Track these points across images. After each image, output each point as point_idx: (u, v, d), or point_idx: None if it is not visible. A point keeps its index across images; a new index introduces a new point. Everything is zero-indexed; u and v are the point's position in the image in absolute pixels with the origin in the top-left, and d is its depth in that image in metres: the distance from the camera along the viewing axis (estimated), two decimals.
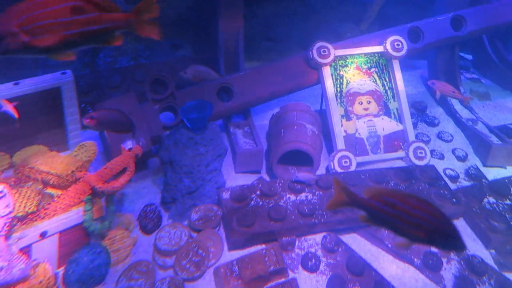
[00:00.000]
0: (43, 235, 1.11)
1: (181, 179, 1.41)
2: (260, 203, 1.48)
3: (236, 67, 2.22)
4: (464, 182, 1.85)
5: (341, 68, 2.01)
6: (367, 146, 1.87)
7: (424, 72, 2.78)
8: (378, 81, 2.03)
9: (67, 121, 1.44)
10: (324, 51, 1.94)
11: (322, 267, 1.32)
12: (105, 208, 1.27)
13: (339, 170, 1.72)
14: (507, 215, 1.56)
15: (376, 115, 1.96)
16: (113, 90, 2.11)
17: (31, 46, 0.92)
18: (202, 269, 1.25)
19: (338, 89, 1.96)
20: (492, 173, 1.92)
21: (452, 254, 1.43)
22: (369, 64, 2.05)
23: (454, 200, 1.58)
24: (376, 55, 2.06)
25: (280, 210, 1.41)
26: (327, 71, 1.95)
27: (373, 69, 2.05)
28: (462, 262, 1.39)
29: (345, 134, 1.86)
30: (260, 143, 1.76)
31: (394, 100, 2.01)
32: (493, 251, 1.47)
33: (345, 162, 1.74)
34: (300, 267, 1.32)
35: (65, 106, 1.43)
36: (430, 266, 1.35)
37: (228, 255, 1.35)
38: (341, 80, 1.99)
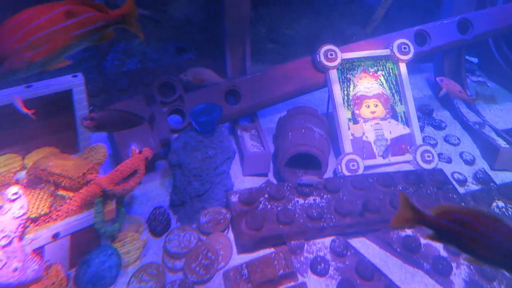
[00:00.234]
0: (56, 237, 1.12)
1: (190, 182, 1.42)
2: (269, 206, 1.48)
3: (243, 70, 2.23)
4: (472, 186, 1.85)
5: (348, 71, 2.01)
6: (375, 150, 1.87)
7: (430, 76, 2.78)
8: (385, 84, 2.03)
9: (78, 124, 1.45)
10: (331, 54, 1.94)
11: (332, 271, 1.32)
12: (116, 210, 1.27)
13: (347, 174, 1.72)
14: None
15: (383, 119, 1.96)
16: (121, 93, 2.13)
17: (34, 61, 0.89)
18: (212, 272, 1.25)
19: (345, 92, 1.96)
20: (500, 177, 1.91)
21: (462, 259, 1.42)
22: (376, 67, 2.05)
23: (463, 204, 1.58)
24: (383, 59, 2.06)
25: (289, 214, 1.41)
26: (334, 74, 1.95)
27: (380, 72, 2.05)
28: (472, 267, 1.39)
29: (352, 138, 1.86)
30: (268, 146, 1.77)
31: (401, 104, 2.01)
32: None
33: (353, 166, 1.74)
34: (309, 271, 1.32)
35: (76, 109, 1.44)
36: (440, 271, 1.35)
37: (237, 258, 1.35)
38: (348, 83, 1.99)
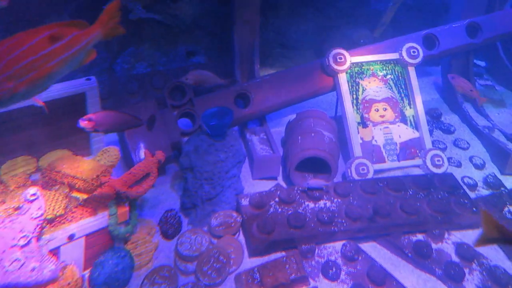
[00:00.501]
0: (71, 238, 1.13)
1: (202, 185, 1.43)
2: (279, 210, 1.48)
3: (252, 74, 2.25)
4: (483, 191, 1.83)
5: (357, 75, 2.01)
6: (384, 154, 1.86)
7: (438, 79, 2.77)
8: (394, 88, 2.03)
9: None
10: (340, 58, 1.95)
11: (343, 276, 1.31)
12: (129, 213, 1.28)
13: (356, 178, 1.72)
14: None
15: (393, 122, 1.95)
16: (131, 96, 2.15)
17: (17, 91, 0.84)
18: (224, 276, 1.25)
19: (354, 96, 1.97)
20: (511, 182, 1.89)
21: (474, 265, 1.41)
22: (385, 71, 2.05)
23: (475, 209, 1.57)
24: (392, 62, 2.06)
25: (300, 217, 1.42)
26: (343, 78, 1.96)
27: (389, 76, 2.05)
28: (485, 273, 1.37)
29: (362, 142, 1.86)
30: (278, 150, 1.77)
31: (410, 107, 2.00)
32: None
33: (363, 170, 1.74)
34: (321, 276, 1.32)
35: (90, 112, 1.46)
36: (452, 277, 1.34)
37: (249, 262, 1.35)
38: (357, 87, 1.99)
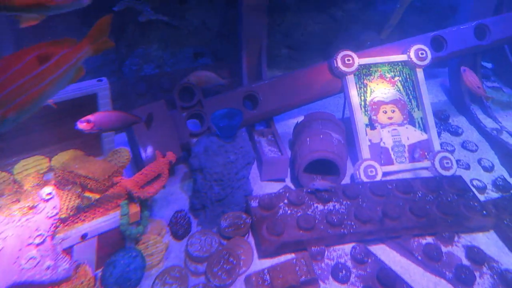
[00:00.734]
0: (84, 237, 1.15)
1: (212, 186, 1.43)
2: (289, 212, 1.48)
3: (259, 75, 2.25)
4: (492, 194, 1.82)
5: (365, 77, 2.01)
6: (392, 156, 1.86)
7: (445, 81, 2.76)
8: (402, 90, 2.03)
9: None
10: (348, 60, 1.95)
11: (353, 279, 1.31)
12: (140, 213, 1.29)
13: (365, 180, 1.72)
14: None
15: (401, 124, 1.95)
16: (140, 97, 2.17)
17: (7, 118, 0.81)
18: (234, 277, 1.26)
19: (362, 98, 1.96)
20: None
21: (485, 268, 1.40)
22: (393, 73, 2.05)
23: (485, 212, 1.56)
24: (400, 64, 2.06)
25: (309, 219, 1.42)
26: (351, 80, 1.96)
27: (397, 78, 2.05)
28: (496, 277, 1.36)
29: (370, 143, 1.86)
30: (286, 152, 1.77)
31: (418, 109, 2.00)
32: None
33: (371, 172, 1.73)
34: (331, 278, 1.32)
35: None
36: (463, 280, 1.33)
37: (258, 263, 1.36)
38: (365, 89, 1.99)
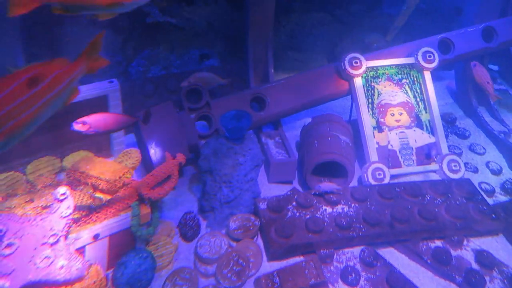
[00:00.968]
0: (96, 238, 1.15)
1: (221, 188, 1.44)
2: (297, 214, 1.48)
3: (266, 77, 2.26)
4: (500, 197, 1.81)
5: (372, 80, 2.01)
6: (400, 158, 1.86)
7: (451, 83, 2.75)
8: (410, 93, 2.02)
9: None
10: (356, 62, 1.95)
11: (362, 282, 1.31)
12: (150, 214, 1.30)
13: (373, 182, 1.71)
14: None
15: (408, 127, 1.94)
16: (147, 99, 2.18)
17: None
18: (243, 279, 1.26)
19: (370, 100, 1.96)
20: None
21: (495, 273, 1.39)
22: (400, 76, 2.05)
23: (494, 216, 1.55)
24: (407, 67, 2.05)
25: (318, 222, 1.42)
26: (359, 82, 1.96)
27: (404, 81, 2.04)
28: (506, 281, 1.36)
29: (378, 146, 1.86)
30: (293, 154, 1.78)
31: (426, 112, 1.99)
32: None
33: (379, 174, 1.73)
34: (340, 281, 1.31)
35: None
36: (473, 285, 1.32)
37: (268, 266, 1.36)
38: (373, 92, 1.99)
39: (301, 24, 2.77)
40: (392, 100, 1.98)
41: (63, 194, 1.06)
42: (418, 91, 2.03)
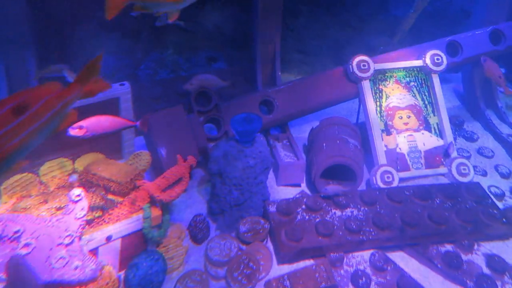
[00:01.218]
0: (109, 239, 1.16)
1: (231, 191, 1.44)
2: (307, 218, 1.48)
3: (273, 80, 2.27)
4: (510, 201, 1.80)
5: (380, 82, 2.01)
6: (408, 162, 1.85)
7: (458, 86, 2.74)
8: (418, 96, 2.02)
9: (123, 131, 1.51)
10: (364, 65, 1.95)
11: (373, 286, 1.31)
12: (161, 217, 1.31)
13: (382, 186, 1.71)
14: None
15: (416, 130, 1.94)
16: (155, 101, 2.20)
17: None
18: (254, 282, 1.26)
19: (378, 103, 1.96)
20: None
21: (506, 277, 1.38)
22: (408, 78, 2.05)
23: (504, 220, 1.54)
24: (415, 69, 2.05)
25: (328, 226, 1.42)
26: (367, 85, 1.96)
27: (412, 83, 2.04)
28: None
29: (386, 149, 1.86)
30: (302, 156, 1.78)
31: (434, 115, 1.99)
32: None
33: (388, 178, 1.73)
34: (351, 285, 1.31)
35: (123, 116, 1.50)
36: None
37: (277, 269, 1.36)
38: (381, 94, 1.99)
39: (308, 27, 2.78)
40: (400, 103, 1.98)
41: (78, 196, 1.07)
42: (426, 94, 2.03)
